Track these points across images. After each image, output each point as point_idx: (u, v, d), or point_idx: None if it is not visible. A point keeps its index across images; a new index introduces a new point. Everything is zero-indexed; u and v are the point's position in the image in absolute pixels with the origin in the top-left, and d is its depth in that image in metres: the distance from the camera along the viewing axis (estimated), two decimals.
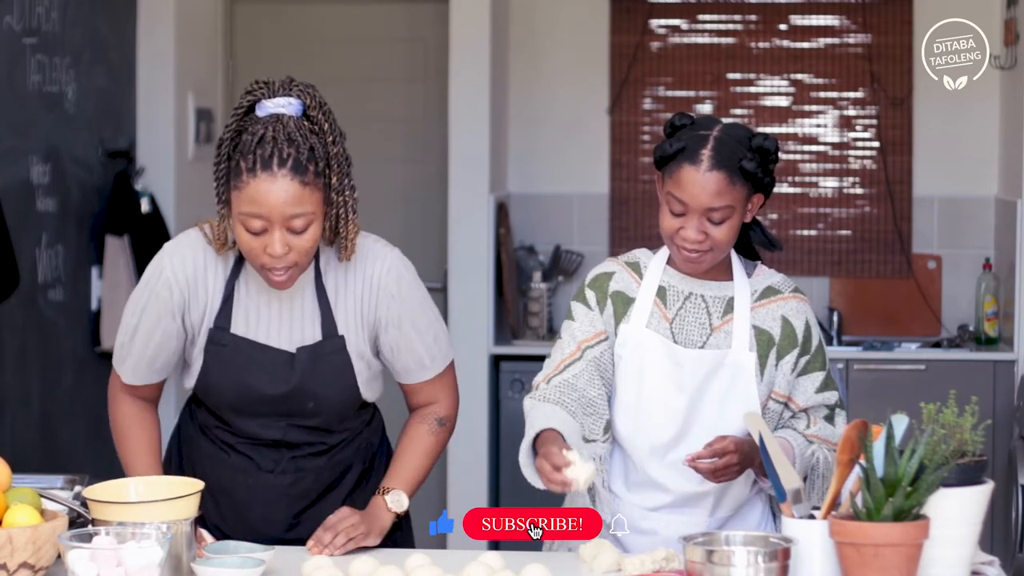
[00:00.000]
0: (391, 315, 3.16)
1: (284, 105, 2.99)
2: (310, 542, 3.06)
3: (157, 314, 3.15)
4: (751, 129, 3.22)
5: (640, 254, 3.30)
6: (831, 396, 3.26)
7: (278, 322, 3.14)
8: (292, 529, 3.21)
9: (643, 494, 3.26)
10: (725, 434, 3.08)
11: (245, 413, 3.18)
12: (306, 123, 3.00)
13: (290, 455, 3.22)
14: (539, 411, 3.18)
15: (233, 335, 3.13)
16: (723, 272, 3.24)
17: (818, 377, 3.24)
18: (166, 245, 3.21)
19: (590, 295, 3.27)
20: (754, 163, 3.12)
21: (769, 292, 3.25)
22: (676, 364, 3.18)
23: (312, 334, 3.14)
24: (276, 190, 2.94)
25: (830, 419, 3.25)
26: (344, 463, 3.27)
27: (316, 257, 3.13)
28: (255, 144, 2.95)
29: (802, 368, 3.23)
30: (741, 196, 3.13)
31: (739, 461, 3.05)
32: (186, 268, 3.13)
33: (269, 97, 3.00)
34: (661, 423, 3.21)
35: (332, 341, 3.14)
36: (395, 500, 3.17)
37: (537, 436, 3.09)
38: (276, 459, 3.22)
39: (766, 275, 3.28)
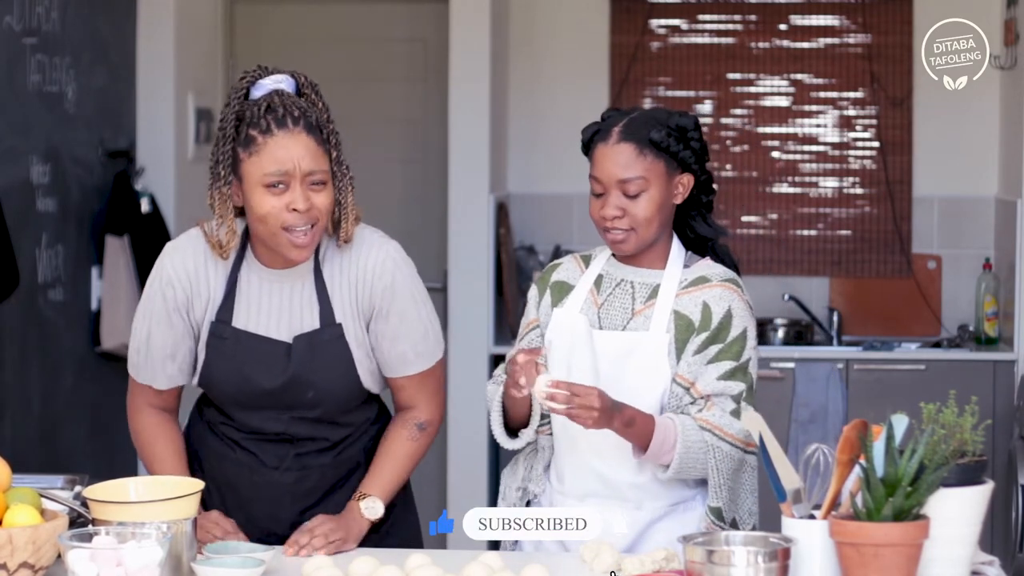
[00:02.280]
0: (383, 305, 3.18)
1: (281, 81, 3.08)
2: (286, 545, 3.05)
3: (166, 313, 3.18)
4: (675, 111, 3.27)
5: (600, 249, 3.37)
6: (734, 386, 3.18)
7: (278, 313, 3.16)
8: (297, 527, 3.21)
9: (574, 482, 3.26)
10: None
11: (247, 407, 3.20)
12: (303, 99, 3.09)
13: (294, 452, 3.23)
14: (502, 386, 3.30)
15: (234, 328, 3.16)
16: (659, 261, 3.27)
17: (725, 366, 3.18)
18: (167, 245, 3.24)
19: (533, 291, 3.38)
20: (663, 134, 3.17)
21: (699, 281, 3.24)
22: (596, 348, 3.21)
23: (311, 323, 3.16)
24: (296, 144, 3.02)
25: (736, 414, 3.17)
26: (350, 462, 3.27)
27: (316, 247, 3.15)
28: (264, 111, 3.03)
29: (712, 356, 3.18)
30: (657, 170, 3.19)
31: (600, 408, 3.01)
32: (186, 265, 3.17)
33: (264, 76, 3.08)
34: None
35: (330, 329, 3.15)
36: (370, 507, 3.17)
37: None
38: (280, 456, 3.23)
39: (706, 267, 3.27)
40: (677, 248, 3.28)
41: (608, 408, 3.03)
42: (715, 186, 3.34)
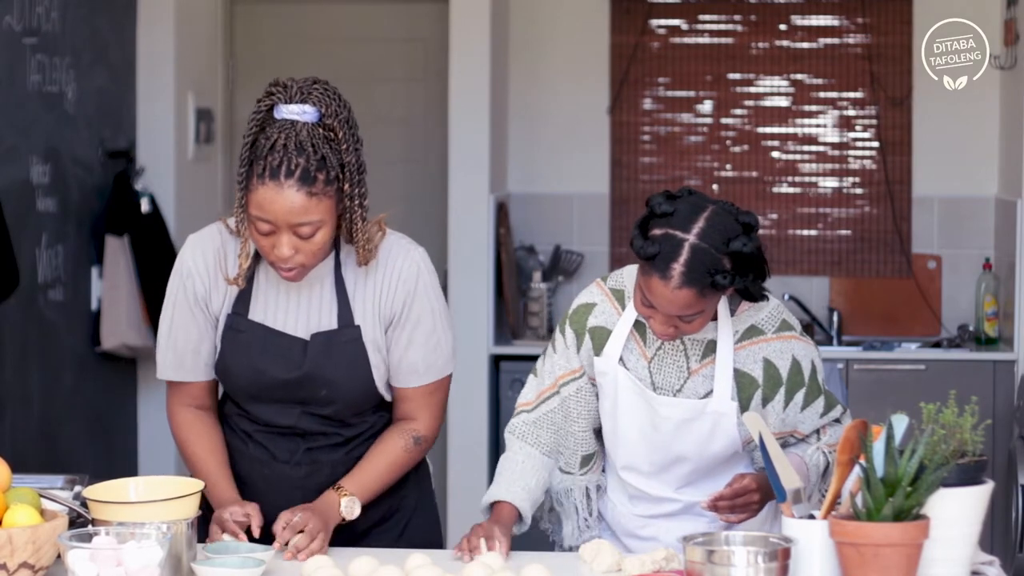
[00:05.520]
0: (402, 310, 3.18)
1: (299, 113, 3.01)
2: (282, 548, 3.03)
3: (188, 305, 3.20)
4: (734, 222, 3.03)
5: (628, 278, 3.24)
6: (836, 411, 3.24)
7: (296, 310, 3.17)
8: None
9: (643, 505, 3.28)
10: (743, 472, 3.14)
11: (260, 399, 3.21)
12: (321, 130, 3.01)
13: (305, 447, 3.23)
14: (508, 464, 3.28)
15: (250, 321, 3.17)
16: None
17: (819, 406, 3.21)
18: (188, 238, 3.26)
19: (569, 332, 3.28)
20: (728, 277, 2.99)
21: (752, 332, 3.18)
22: (651, 407, 3.19)
23: (328, 322, 3.17)
24: (281, 200, 2.98)
25: (839, 422, 3.25)
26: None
27: (336, 248, 3.16)
28: (267, 151, 2.98)
29: (802, 402, 3.19)
30: (714, 300, 3.06)
31: (759, 499, 3.08)
32: (206, 257, 3.19)
33: (286, 102, 3.02)
34: (638, 453, 3.24)
35: (348, 330, 3.16)
36: (348, 507, 3.15)
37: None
38: (292, 450, 3.24)
39: (751, 311, 3.19)
40: (722, 300, 3.17)
41: (767, 488, 3.03)
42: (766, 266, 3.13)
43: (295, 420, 3.21)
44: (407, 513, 3.32)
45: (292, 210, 2.98)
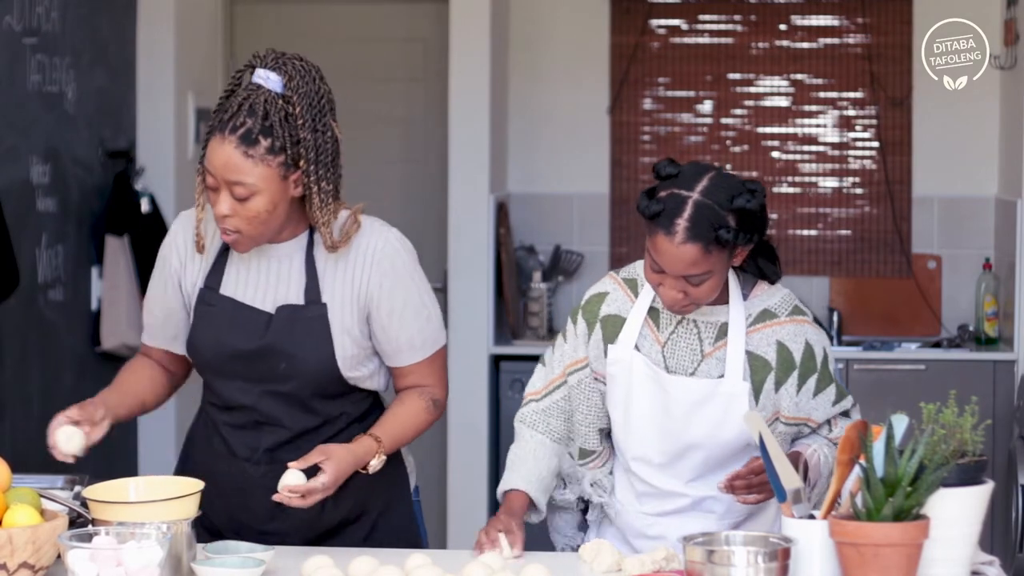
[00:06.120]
0: (383, 292, 3.19)
1: (263, 78, 3.08)
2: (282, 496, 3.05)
3: (163, 279, 3.29)
4: (739, 183, 3.08)
5: (640, 269, 3.26)
6: (846, 402, 3.24)
7: (264, 285, 3.21)
8: (271, 522, 3.21)
9: (651, 502, 3.27)
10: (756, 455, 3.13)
11: (223, 373, 3.23)
12: (280, 101, 3.07)
13: (265, 447, 3.24)
14: (520, 453, 3.30)
15: (220, 295, 3.22)
16: (720, 296, 3.18)
17: (831, 393, 3.21)
18: (180, 213, 3.33)
19: (581, 322, 3.29)
20: (732, 233, 3.01)
21: (765, 316, 3.18)
22: (664, 390, 3.19)
23: (296, 298, 3.19)
24: (220, 153, 3.05)
25: (847, 415, 3.25)
26: None
27: (311, 227, 3.19)
28: (225, 106, 3.07)
29: (815, 388, 3.19)
30: (721, 259, 3.06)
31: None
32: (187, 232, 3.26)
33: (259, 67, 3.10)
34: (650, 442, 3.24)
35: (314, 307, 3.18)
36: (375, 466, 3.17)
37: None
38: (252, 447, 3.25)
39: (764, 296, 3.21)
40: (734, 279, 3.18)
41: None
42: (771, 232, 3.20)
43: (255, 400, 3.21)
44: (374, 515, 3.30)
45: (227, 165, 3.03)
